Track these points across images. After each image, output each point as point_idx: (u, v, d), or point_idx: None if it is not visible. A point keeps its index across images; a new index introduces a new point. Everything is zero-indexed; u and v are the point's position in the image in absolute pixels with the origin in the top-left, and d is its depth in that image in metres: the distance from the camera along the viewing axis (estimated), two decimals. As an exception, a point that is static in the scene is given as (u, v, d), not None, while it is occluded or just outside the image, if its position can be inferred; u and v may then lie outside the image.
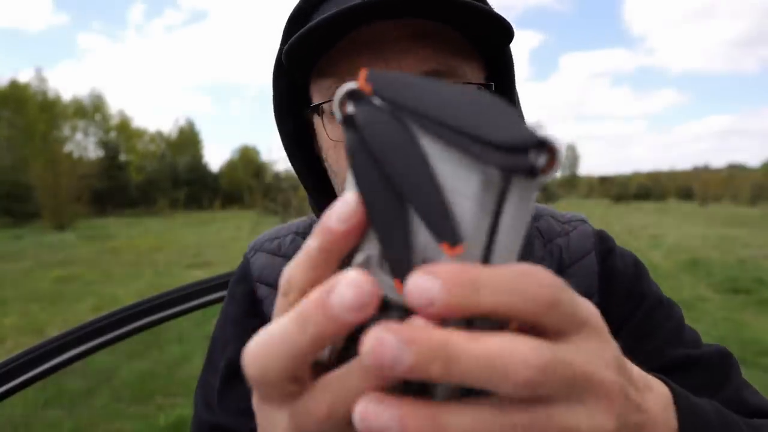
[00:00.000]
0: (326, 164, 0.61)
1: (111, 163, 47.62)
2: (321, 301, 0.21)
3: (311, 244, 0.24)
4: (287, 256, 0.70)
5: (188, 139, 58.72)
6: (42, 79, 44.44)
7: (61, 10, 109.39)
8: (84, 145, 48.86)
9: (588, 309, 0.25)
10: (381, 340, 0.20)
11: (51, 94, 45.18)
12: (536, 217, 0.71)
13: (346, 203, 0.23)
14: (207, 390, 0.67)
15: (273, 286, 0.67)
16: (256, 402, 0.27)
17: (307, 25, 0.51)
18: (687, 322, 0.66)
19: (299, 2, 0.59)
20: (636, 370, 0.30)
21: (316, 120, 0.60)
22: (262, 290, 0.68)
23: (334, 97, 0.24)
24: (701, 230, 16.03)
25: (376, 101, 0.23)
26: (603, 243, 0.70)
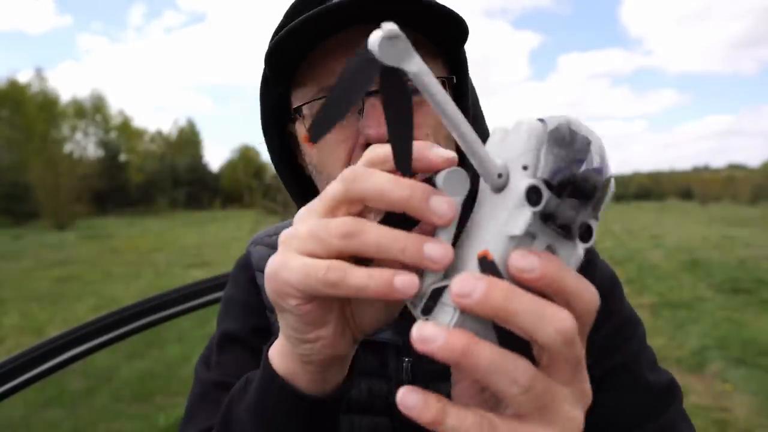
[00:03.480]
0: (310, 167, 0.65)
1: (111, 163, 47.61)
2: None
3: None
4: None
5: (188, 139, 58.69)
6: (42, 79, 44.46)
7: (62, 12, 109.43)
8: (84, 145, 48.87)
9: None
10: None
11: (50, 94, 45.16)
12: None
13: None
14: (210, 359, 0.73)
15: None
16: None
17: (282, 31, 0.54)
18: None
19: (278, 24, 0.63)
20: None
21: (299, 125, 0.63)
22: (260, 278, 0.75)
23: None
24: (701, 230, 16.02)
25: None
26: (585, 254, 0.72)
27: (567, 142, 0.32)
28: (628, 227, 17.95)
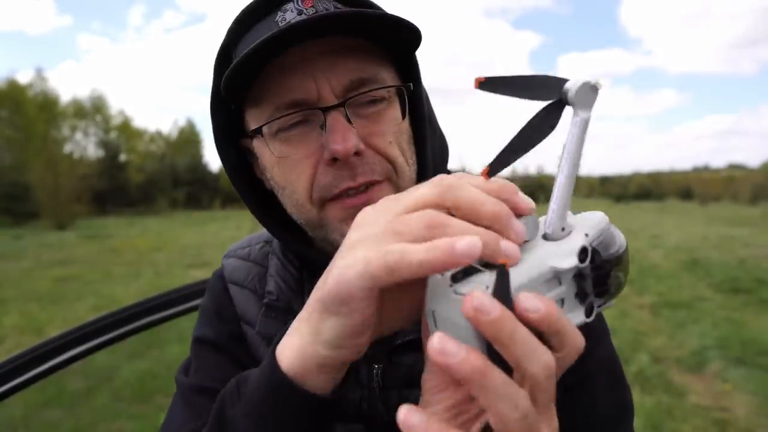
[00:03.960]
0: (271, 183, 0.66)
1: (111, 163, 47.58)
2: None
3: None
4: (255, 262, 0.79)
5: (188, 139, 58.58)
6: (42, 79, 44.42)
7: (62, 12, 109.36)
8: (84, 145, 48.83)
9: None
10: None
11: (50, 95, 45.10)
12: None
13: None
14: (189, 366, 0.77)
15: (240, 285, 0.78)
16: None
17: (240, 56, 0.55)
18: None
19: (224, 39, 0.64)
20: None
21: (257, 143, 0.64)
22: (233, 289, 0.78)
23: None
24: (701, 230, 16.01)
25: None
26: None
27: (612, 243, 0.40)
28: (628, 227, 17.95)
